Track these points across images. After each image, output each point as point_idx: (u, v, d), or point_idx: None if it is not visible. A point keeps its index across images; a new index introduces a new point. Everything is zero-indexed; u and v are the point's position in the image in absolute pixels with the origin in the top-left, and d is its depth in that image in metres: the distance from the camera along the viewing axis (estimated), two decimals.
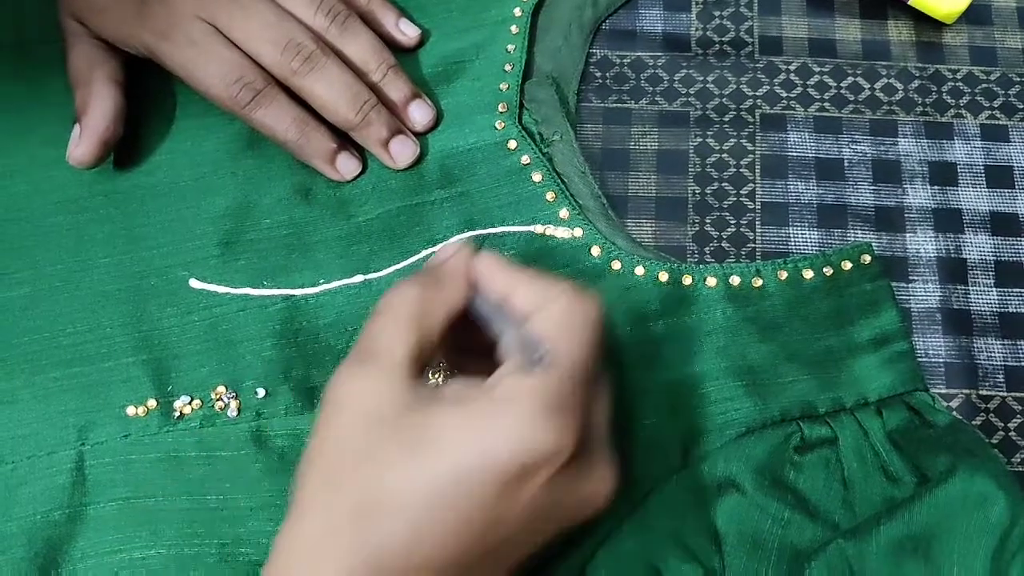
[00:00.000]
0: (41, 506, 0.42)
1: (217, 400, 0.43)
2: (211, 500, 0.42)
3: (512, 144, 0.48)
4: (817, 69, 0.53)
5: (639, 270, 0.45)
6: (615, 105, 0.52)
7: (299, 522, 0.33)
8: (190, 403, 0.43)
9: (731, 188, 0.50)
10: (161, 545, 0.41)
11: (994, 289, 0.47)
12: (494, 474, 0.32)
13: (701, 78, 0.53)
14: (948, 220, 0.49)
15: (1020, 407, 0.45)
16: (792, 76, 0.53)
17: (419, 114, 0.49)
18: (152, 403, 0.43)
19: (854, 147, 0.51)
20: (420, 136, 0.49)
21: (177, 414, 0.43)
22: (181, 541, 0.41)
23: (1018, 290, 0.47)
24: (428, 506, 0.32)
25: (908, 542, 0.37)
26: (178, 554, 0.41)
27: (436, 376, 0.42)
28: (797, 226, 0.49)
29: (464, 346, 0.38)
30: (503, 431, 0.32)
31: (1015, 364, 0.46)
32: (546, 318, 0.35)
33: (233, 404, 0.43)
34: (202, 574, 0.40)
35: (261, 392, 0.44)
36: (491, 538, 0.33)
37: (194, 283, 0.46)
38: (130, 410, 0.43)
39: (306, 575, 0.32)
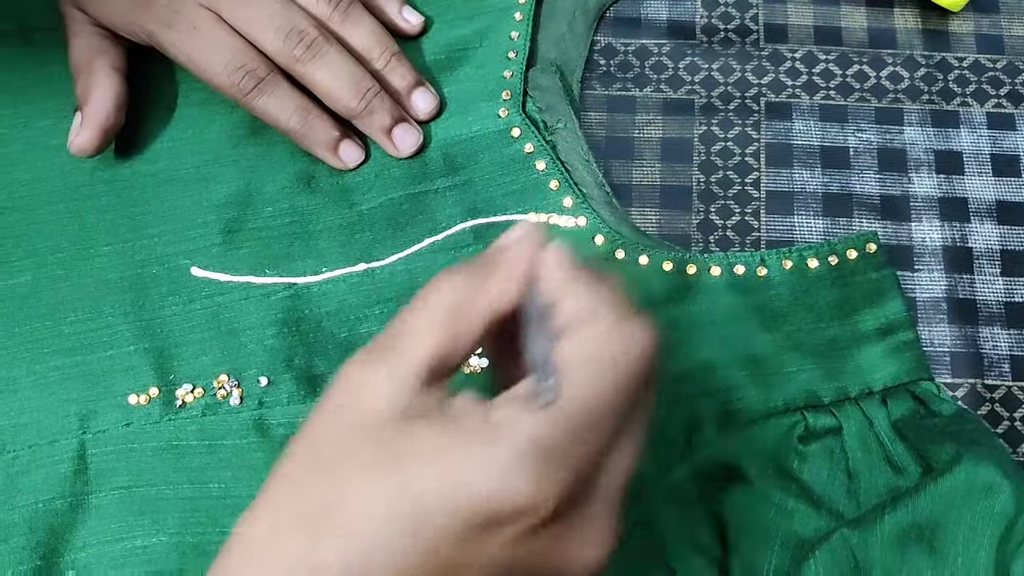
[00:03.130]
0: (43, 495, 0.42)
1: (219, 388, 0.43)
2: (213, 488, 0.42)
3: (516, 132, 0.48)
4: (823, 57, 0.53)
5: (643, 259, 0.45)
6: (619, 93, 0.52)
7: (252, 516, 0.30)
8: (192, 391, 0.43)
9: (736, 177, 0.50)
10: (163, 533, 0.41)
11: (1000, 278, 0.47)
12: (460, 513, 0.27)
13: (706, 66, 0.53)
14: (954, 209, 0.49)
15: None
16: (797, 64, 0.53)
17: (422, 102, 0.48)
18: (154, 391, 0.43)
19: (860, 135, 0.51)
20: (423, 124, 0.49)
21: (179, 403, 0.43)
22: (183, 529, 0.41)
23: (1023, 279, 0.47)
24: (383, 529, 0.28)
25: (912, 531, 0.37)
26: (180, 542, 0.41)
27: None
28: (802, 215, 0.49)
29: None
30: (480, 466, 0.27)
31: (1021, 353, 0.45)
32: (577, 341, 0.29)
33: (235, 392, 0.43)
34: (204, 562, 0.40)
35: (263, 381, 0.43)
36: None
37: (196, 271, 0.46)
38: (132, 398, 0.43)
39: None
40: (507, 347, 0.32)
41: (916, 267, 0.47)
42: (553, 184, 0.47)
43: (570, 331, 0.29)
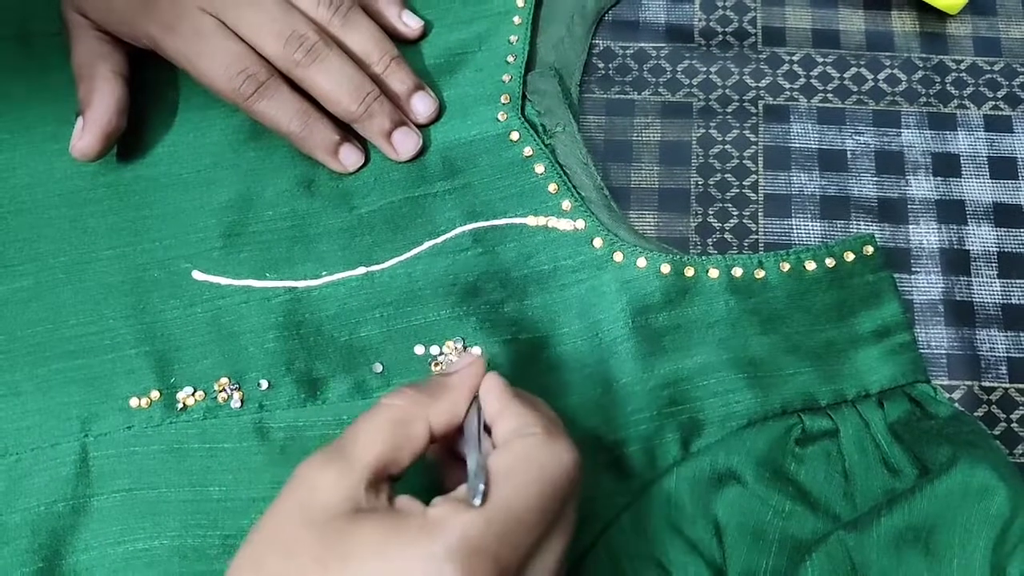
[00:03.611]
0: (45, 497, 0.42)
1: (220, 392, 0.44)
2: (214, 491, 0.42)
3: (514, 136, 0.48)
4: (820, 60, 0.53)
5: (641, 262, 0.45)
6: (618, 96, 0.52)
7: None
8: (193, 395, 0.44)
9: (734, 179, 0.50)
10: (164, 536, 0.41)
11: (997, 280, 0.47)
12: None
13: (704, 69, 0.53)
14: (951, 211, 0.49)
15: (1022, 399, 0.45)
16: (795, 67, 0.53)
17: (422, 106, 0.49)
18: (155, 395, 0.44)
19: (857, 138, 0.51)
20: (422, 128, 0.49)
21: (180, 406, 0.43)
22: (184, 532, 0.41)
23: (1021, 281, 0.47)
24: None
25: (909, 533, 0.37)
26: (181, 545, 0.41)
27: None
28: (800, 217, 0.49)
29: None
30: (414, 561, 0.30)
31: (1018, 356, 0.46)
32: (506, 452, 0.34)
33: (236, 396, 0.43)
34: (205, 565, 0.40)
35: (264, 384, 0.44)
36: None
37: (197, 275, 0.46)
38: (133, 402, 0.43)
39: None
40: (450, 456, 0.37)
41: (913, 269, 0.48)
42: (552, 187, 0.47)
43: (503, 446, 0.34)
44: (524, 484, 0.32)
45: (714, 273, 0.45)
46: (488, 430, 0.36)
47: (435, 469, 0.39)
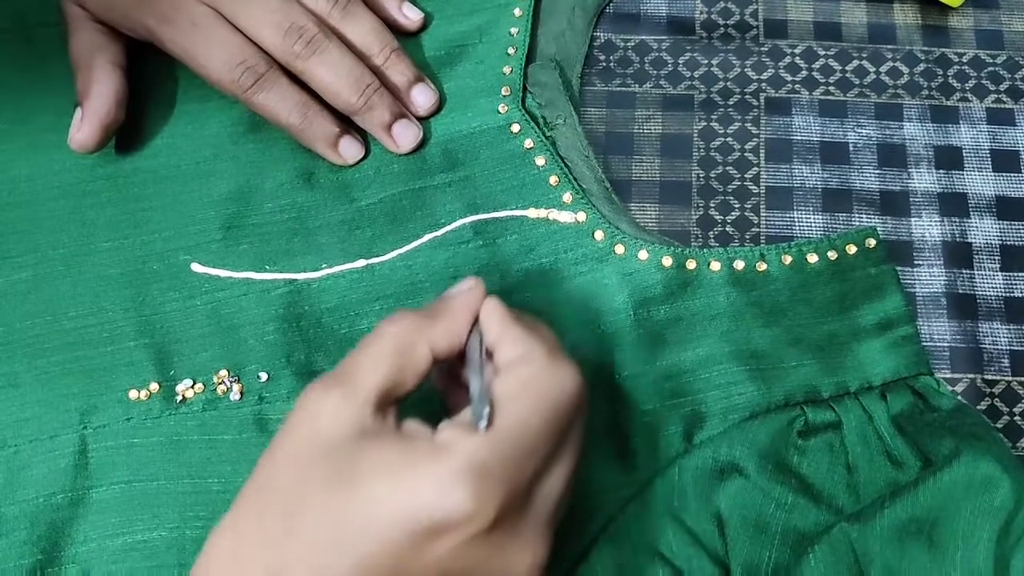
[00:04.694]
0: (44, 489, 0.42)
1: (219, 384, 0.43)
2: (213, 483, 0.42)
3: (515, 128, 0.48)
4: (822, 52, 0.53)
5: (643, 254, 0.45)
6: (619, 89, 0.52)
7: (220, 529, 0.33)
8: (192, 387, 0.43)
9: (735, 172, 0.50)
10: (163, 528, 0.41)
11: (999, 273, 0.47)
12: (403, 524, 0.31)
13: (706, 61, 0.53)
14: (953, 204, 0.49)
15: None
16: (797, 59, 0.53)
17: (422, 98, 0.48)
18: (154, 387, 0.43)
19: (859, 131, 0.51)
20: (423, 120, 0.49)
21: (179, 398, 0.43)
22: (183, 524, 0.41)
23: (1023, 275, 0.47)
24: (333, 540, 0.31)
25: (912, 525, 0.37)
26: (180, 536, 0.41)
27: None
28: (802, 210, 0.49)
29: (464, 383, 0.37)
30: (423, 482, 0.31)
31: (1020, 348, 0.45)
32: (510, 377, 0.34)
33: (235, 388, 0.43)
34: None
35: (263, 376, 0.44)
36: None
37: (196, 267, 0.46)
38: (132, 394, 0.43)
39: None
40: (454, 383, 0.37)
41: (916, 262, 0.47)
42: (553, 180, 0.47)
43: (506, 370, 0.34)
44: (528, 408, 0.33)
45: (716, 266, 0.45)
46: (490, 355, 0.36)
47: (439, 396, 0.39)
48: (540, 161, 0.47)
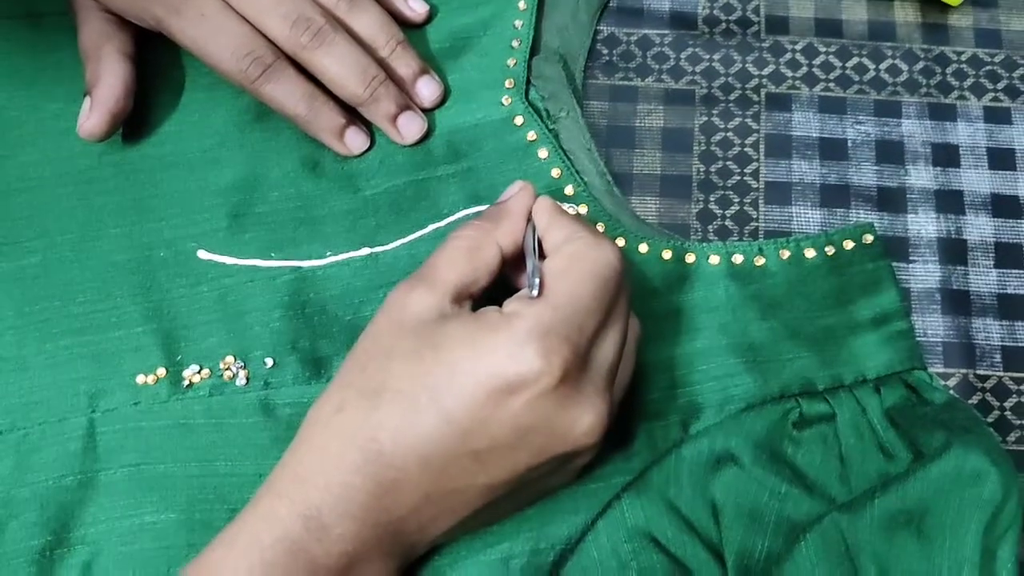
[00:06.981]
0: (53, 472, 0.42)
1: (226, 369, 0.44)
2: (220, 466, 0.42)
3: (519, 120, 0.49)
4: (823, 49, 0.53)
5: (643, 247, 0.46)
6: (621, 82, 0.53)
7: (324, 397, 0.38)
8: (199, 372, 0.44)
9: (735, 167, 0.50)
10: (172, 510, 0.42)
11: (993, 270, 0.48)
12: (481, 381, 0.35)
13: (707, 57, 0.53)
14: (950, 201, 0.49)
15: (1016, 387, 0.45)
16: (798, 56, 0.53)
17: (427, 90, 0.49)
18: (162, 372, 0.44)
19: (858, 127, 0.51)
20: (427, 112, 0.49)
21: (186, 383, 0.44)
22: (191, 506, 0.42)
23: (1017, 271, 0.48)
24: (428, 396, 0.35)
25: (901, 516, 0.38)
26: (188, 519, 0.41)
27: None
28: (800, 205, 0.49)
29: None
30: (497, 346, 0.35)
31: (1012, 344, 0.46)
32: (559, 255, 0.39)
33: (242, 374, 0.44)
34: (212, 538, 0.41)
35: (269, 362, 0.44)
36: (473, 441, 0.35)
37: (202, 254, 0.46)
38: (140, 378, 0.44)
39: (318, 445, 0.36)
40: (515, 271, 0.41)
41: (911, 258, 0.48)
42: (555, 172, 0.47)
43: (556, 251, 0.39)
44: (579, 278, 0.37)
45: (715, 259, 0.45)
46: (541, 246, 0.40)
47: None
48: (543, 153, 0.48)
